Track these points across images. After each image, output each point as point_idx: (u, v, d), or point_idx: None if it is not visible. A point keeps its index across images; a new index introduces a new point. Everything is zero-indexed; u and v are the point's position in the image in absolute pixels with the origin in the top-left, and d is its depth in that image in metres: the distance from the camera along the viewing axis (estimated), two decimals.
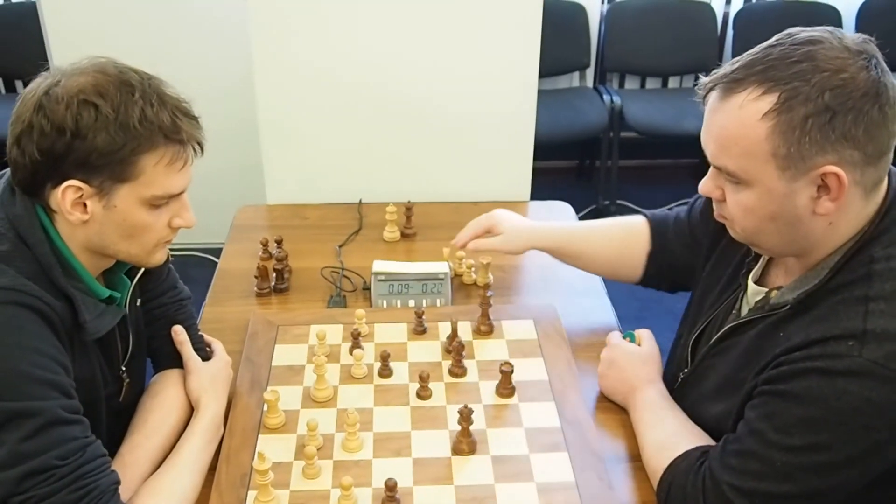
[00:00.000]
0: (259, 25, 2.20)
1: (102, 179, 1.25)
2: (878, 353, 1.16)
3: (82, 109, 1.21)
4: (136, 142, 1.24)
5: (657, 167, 4.50)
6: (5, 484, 1.17)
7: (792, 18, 4.36)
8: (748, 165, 1.22)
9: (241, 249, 2.13)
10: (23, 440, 1.17)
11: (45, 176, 1.25)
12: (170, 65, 1.39)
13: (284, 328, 1.79)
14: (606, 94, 4.23)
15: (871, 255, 1.24)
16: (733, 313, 1.45)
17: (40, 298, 1.23)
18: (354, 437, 1.48)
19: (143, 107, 1.24)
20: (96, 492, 1.22)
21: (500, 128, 2.34)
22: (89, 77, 1.24)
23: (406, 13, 2.19)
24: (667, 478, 1.36)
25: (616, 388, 1.59)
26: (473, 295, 1.92)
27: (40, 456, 1.18)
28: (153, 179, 1.27)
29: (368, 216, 2.27)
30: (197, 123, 1.32)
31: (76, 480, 1.20)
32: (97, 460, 1.24)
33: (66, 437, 1.21)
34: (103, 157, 1.22)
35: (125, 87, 1.24)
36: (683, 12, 4.35)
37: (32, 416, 1.18)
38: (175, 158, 1.28)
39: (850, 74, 1.16)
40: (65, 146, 1.21)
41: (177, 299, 1.62)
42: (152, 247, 1.36)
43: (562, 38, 4.23)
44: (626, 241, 1.77)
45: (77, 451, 1.21)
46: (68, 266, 1.30)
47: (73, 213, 1.26)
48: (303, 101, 2.28)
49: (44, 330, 1.24)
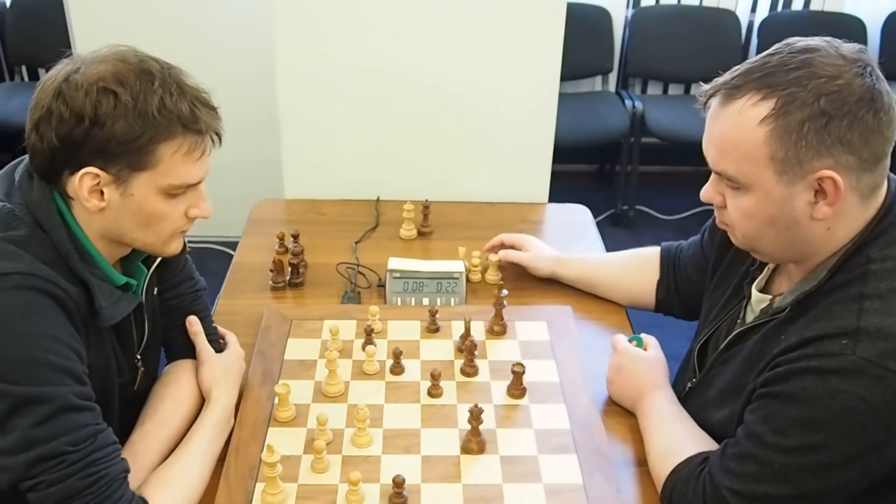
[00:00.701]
0: (282, 20, 2.21)
1: (120, 167, 1.25)
2: (871, 352, 1.17)
3: (101, 97, 1.21)
4: (155, 130, 1.24)
5: (677, 174, 4.48)
6: (16, 468, 1.18)
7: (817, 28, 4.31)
8: (747, 170, 1.24)
9: (258, 243, 2.14)
10: (34, 425, 1.18)
11: (62, 162, 1.25)
12: (192, 57, 1.40)
13: (298, 322, 1.80)
14: (628, 98, 4.22)
15: (867, 255, 1.25)
16: (738, 322, 1.46)
17: (56, 284, 1.23)
18: (364, 433, 1.48)
19: (163, 96, 1.24)
20: (106, 479, 1.22)
21: (520, 129, 2.34)
22: (109, 65, 1.24)
23: (429, 13, 2.19)
24: (669, 484, 1.36)
25: (624, 394, 1.60)
26: (488, 295, 1.92)
27: (51, 441, 1.19)
28: (171, 168, 1.28)
29: (386, 213, 2.27)
30: (216, 114, 1.33)
31: (86, 467, 1.21)
32: (108, 448, 1.24)
33: (78, 423, 1.22)
34: (121, 144, 1.23)
35: (145, 76, 1.24)
36: (708, 19, 4.34)
37: (45, 402, 1.19)
38: (193, 148, 1.29)
39: (846, 81, 1.18)
40: (83, 133, 1.22)
41: (192, 290, 1.63)
42: (168, 236, 1.37)
43: (586, 42, 4.23)
44: (638, 270, 1.87)
45: (88, 438, 1.22)
46: (85, 252, 1.31)
47: (90, 200, 1.27)
48: (324, 97, 2.29)
49: (59, 316, 1.24)
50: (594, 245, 2.20)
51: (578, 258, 1.97)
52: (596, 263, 1.95)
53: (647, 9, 4.35)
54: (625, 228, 4.25)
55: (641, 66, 4.40)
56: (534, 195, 2.40)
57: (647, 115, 4.11)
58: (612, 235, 4.10)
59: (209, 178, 1.37)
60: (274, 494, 1.37)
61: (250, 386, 1.62)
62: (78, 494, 1.20)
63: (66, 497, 1.19)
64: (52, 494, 1.19)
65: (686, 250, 1.78)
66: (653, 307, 1.85)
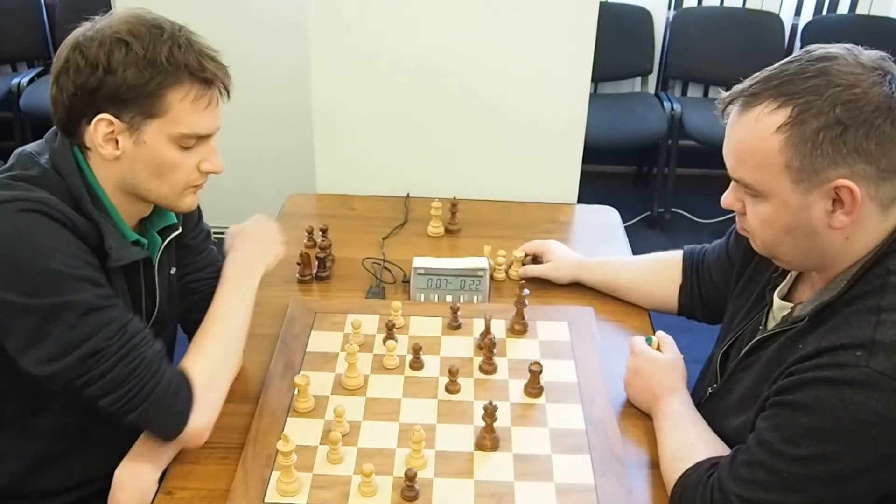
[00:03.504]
0: (317, 16, 2.24)
1: (133, 114, 1.33)
2: (886, 364, 1.16)
3: (114, 47, 1.31)
4: (163, 76, 1.32)
5: (714, 177, 4.40)
6: (64, 371, 1.30)
7: (861, 33, 4.28)
8: (763, 178, 1.24)
9: (289, 236, 2.14)
10: (68, 330, 1.28)
11: (80, 111, 1.34)
12: (230, 52, 1.45)
13: (322, 315, 1.82)
14: (667, 100, 4.20)
15: (887, 267, 1.24)
16: (760, 329, 1.46)
17: (64, 213, 1.32)
18: (419, 455, 1.44)
19: (172, 47, 1.33)
20: (147, 360, 1.36)
21: (550, 129, 2.35)
22: (124, 21, 1.34)
23: (462, 12, 2.21)
24: (678, 489, 1.36)
25: (641, 396, 1.60)
26: (512, 294, 1.93)
27: (88, 341, 1.30)
28: (180, 116, 1.35)
29: (414, 210, 2.29)
30: (223, 68, 1.40)
31: (127, 354, 1.33)
32: (139, 335, 1.36)
33: (107, 319, 1.32)
34: (132, 90, 1.31)
35: (156, 30, 1.34)
36: (751, 22, 4.30)
37: (71, 308, 1.28)
38: (200, 95, 1.36)
39: (863, 90, 1.17)
40: (97, 81, 1.31)
41: (213, 276, 1.67)
42: (182, 188, 1.43)
43: (626, 42, 4.22)
44: (660, 274, 1.87)
45: (120, 330, 1.33)
46: (97, 199, 1.40)
47: (105, 147, 1.35)
48: (357, 93, 2.32)
49: (69, 235, 1.32)
50: (621, 247, 2.20)
51: (601, 262, 1.96)
52: (618, 268, 1.95)
53: (689, 10, 4.33)
54: (661, 231, 4.24)
55: (682, 67, 4.38)
56: (563, 195, 2.41)
57: (686, 117, 4.09)
58: (647, 238, 4.10)
59: (246, 171, 1.43)
60: (288, 483, 1.39)
61: (271, 376, 1.64)
62: (126, 379, 1.33)
63: (118, 384, 1.32)
64: (104, 385, 1.32)
65: (710, 254, 1.78)
66: (675, 311, 1.85)
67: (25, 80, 4.18)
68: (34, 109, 4.02)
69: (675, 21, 4.30)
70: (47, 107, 1.38)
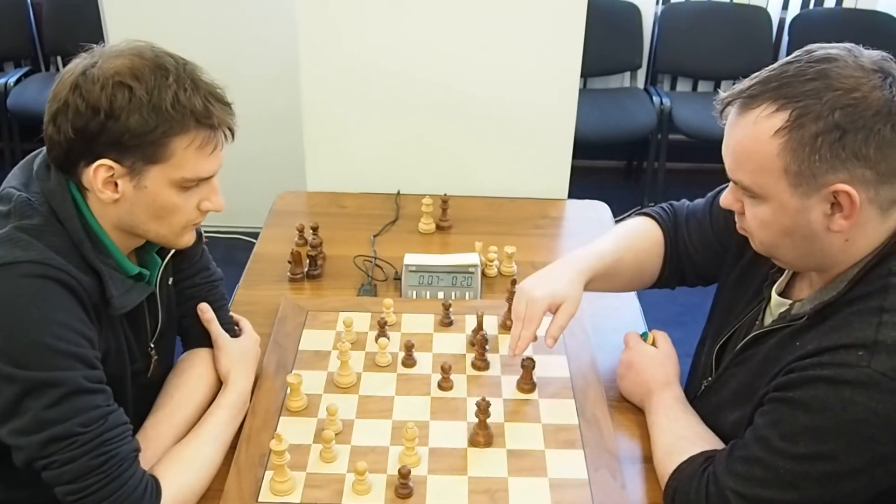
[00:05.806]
0: (306, 16, 2.23)
1: (134, 160, 1.28)
2: (887, 365, 1.15)
3: (117, 91, 1.24)
4: (168, 124, 1.26)
5: (704, 171, 4.44)
6: (30, 448, 1.22)
7: (849, 26, 4.32)
8: (762, 181, 1.23)
9: (278, 234, 2.17)
10: (46, 407, 1.22)
11: (78, 154, 1.28)
12: (220, 52, 1.44)
13: (314, 314, 1.82)
14: (656, 95, 4.20)
15: (889, 268, 1.23)
16: (756, 324, 1.45)
17: (67, 273, 1.26)
18: (413, 453, 1.45)
19: (177, 91, 1.26)
20: (117, 458, 1.26)
21: (539, 124, 2.35)
22: (126, 59, 1.27)
23: (450, 8, 2.21)
24: (672, 483, 1.36)
25: (634, 390, 1.60)
26: (504, 290, 1.93)
27: (63, 423, 1.22)
28: (183, 162, 1.30)
29: (405, 207, 2.29)
30: (229, 109, 1.35)
31: (98, 447, 1.24)
32: (118, 428, 1.28)
33: (89, 405, 1.25)
34: (135, 137, 1.25)
35: (160, 71, 1.27)
36: (739, 16, 4.30)
37: (56, 386, 1.22)
38: (206, 142, 1.31)
39: (863, 94, 1.15)
40: (98, 126, 1.24)
41: (209, 280, 1.65)
42: (181, 228, 1.39)
43: (615, 37, 4.22)
44: (647, 270, 1.72)
45: (99, 419, 1.25)
46: (98, 241, 1.34)
47: (104, 191, 1.29)
48: (346, 91, 2.31)
49: (70, 303, 1.27)
50: None
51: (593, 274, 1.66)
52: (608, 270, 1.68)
53: (678, 4, 4.33)
54: None
55: (670, 62, 4.38)
56: (553, 191, 2.41)
57: (675, 111, 4.09)
58: None
59: (237, 169, 1.39)
60: (282, 482, 1.39)
61: (264, 375, 1.64)
62: (90, 473, 1.23)
63: (79, 476, 1.23)
64: (64, 473, 1.23)
65: (688, 223, 1.67)
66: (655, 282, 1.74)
67: (12, 80, 4.15)
68: (22, 109, 3.98)
69: (664, 16, 4.30)
70: (35, 107, 1.34)
